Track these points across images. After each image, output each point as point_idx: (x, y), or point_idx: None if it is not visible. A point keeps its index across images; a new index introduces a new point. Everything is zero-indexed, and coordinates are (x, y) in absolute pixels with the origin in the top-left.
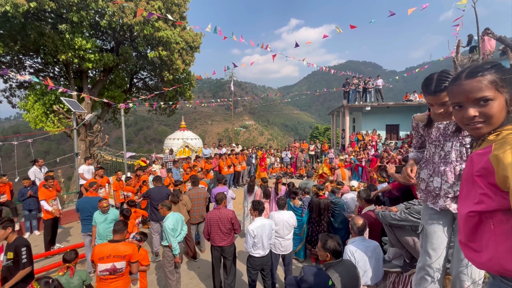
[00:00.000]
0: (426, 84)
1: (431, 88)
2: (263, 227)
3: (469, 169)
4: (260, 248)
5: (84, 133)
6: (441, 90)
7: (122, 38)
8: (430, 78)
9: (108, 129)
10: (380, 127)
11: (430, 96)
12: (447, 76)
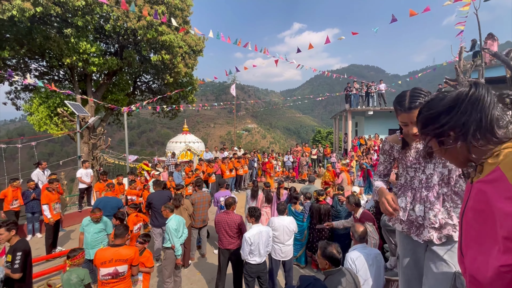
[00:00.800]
0: (399, 101)
1: (405, 105)
2: (260, 234)
3: (479, 202)
4: (257, 255)
5: (87, 136)
6: (416, 106)
7: (126, 42)
8: (403, 95)
9: (111, 132)
10: (382, 132)
11: (404, 113)
12: (420, 93)
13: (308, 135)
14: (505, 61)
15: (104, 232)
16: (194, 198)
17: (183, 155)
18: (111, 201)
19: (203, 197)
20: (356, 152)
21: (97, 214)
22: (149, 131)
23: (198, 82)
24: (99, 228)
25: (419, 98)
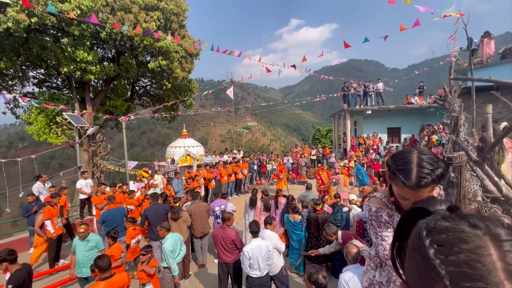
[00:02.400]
0: (402, 171)
1: (412, 179)
2: (258, 248)
3: None
4: (257, 269)
5: (87, 144)
6: (427, 184)
7: (123, 48)
8: (407, 160)
9: (111, 133)
10: (381, 131)
11: (408, 189)
12: (432, 163)
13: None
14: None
15: (95, 249)
16: (191, 209)
17: (182, 160)
18: (117, 212)
19: (200, 207)
20: (355, 151)
21: (81, 228)
22: (149, 132)
23: (195, 85)
24: (89, 246)
25: (431, 173)
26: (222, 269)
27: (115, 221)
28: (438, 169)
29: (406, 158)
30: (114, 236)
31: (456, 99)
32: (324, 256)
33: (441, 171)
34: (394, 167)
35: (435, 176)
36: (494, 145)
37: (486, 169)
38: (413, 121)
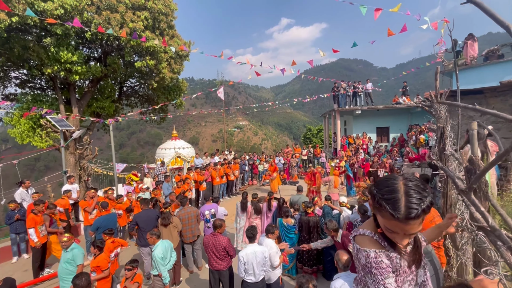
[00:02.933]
0: (389, 201)
1: (401, 212)
2: (254, 254)
3: None
4: (251, 274)
5: (73, 147)
6: (417, 216)
7: (110, 48)
8: (394, 188)
9: (99, 134)
10: (371, 130)
11: (396, 222)
12: (421, 192)
13: (300, 131)
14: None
15: (73, 263)
16: (179, 215)
17: (173, 162)
18: (109, 218)
19: (188, 212)
20: (345, 151)
21: (64, 237)
22: (139, 132)
23: (185, 85)
24: (67, 258)
25: (420, 202)
26: (213, 276)
27: (108, 227)
28: (427, 198)
29: (391, 185)
30: (100, 246)
31: (441, 106)
32: (316, 259)
33: (430, 199)
34: (379, 196)
35: (425, 205)
36: (481, 174)
37: (473, 199)
38: (401, 121)
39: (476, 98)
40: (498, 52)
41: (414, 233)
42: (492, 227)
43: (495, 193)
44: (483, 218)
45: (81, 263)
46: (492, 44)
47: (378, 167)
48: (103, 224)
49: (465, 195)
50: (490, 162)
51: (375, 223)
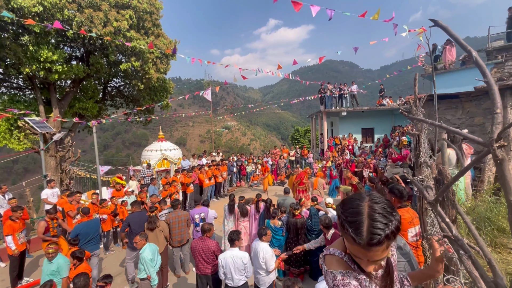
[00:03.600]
0: (352, 224)
1: (363, 237)
2: (232, 258)
3: None
4: (230, 279)
5: (54, 149)
6: (380, 242)
7: (93, 48)
8: (356, 211)
9: (82, 135)
10: (356, 131)
11: (359, 248)
12: (386, 216)
13: (288, 131)
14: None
15: (58, 275)
16: (169, 218)
17: (159, 164)
18: (91, 224)
19: (179, 216)
20: (332, 151)
21: (50, 249)
22: (124, 133)
23: (172, 85)
24: (51, 270)
25: (385, 228)
26: (201, 281)
27: (89, 234)
28: (392, 222)
29: (355, 207)
30: (80, 256)
31: (419, 112)
32: (303, 260)
33: (396, 224)
34: (343, 217)
35: (389, 231)
36: (445, 189)
37: (439, 210)
38: (385, 122)
39: (452, 103)
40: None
41: (379, 260)
42: (455, 237)
43: (469, 193)
44: (448, 228)
45: (66, 275)
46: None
47: (363, 167)
48: (83, 231)
49: (432, 206)
50: (453, 178)
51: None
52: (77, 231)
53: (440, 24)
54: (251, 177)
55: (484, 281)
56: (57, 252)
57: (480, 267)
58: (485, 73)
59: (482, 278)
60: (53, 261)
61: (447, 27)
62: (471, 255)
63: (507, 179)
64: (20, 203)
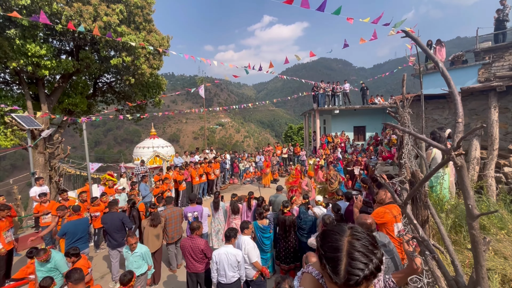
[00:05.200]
0: (329, 261)
1: (339, 276)
2: (226, 255)
3: None
4: (223, 275)
5: (43, 146)
6: (357, 284)
7: (83, 42)
8: (335, 247)
9: (72, 131)
10: (348, 129)
11: (335, 286)
12: (367, 252)
13: (282, 128)
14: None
15: (57, 271)
16: (165, 215)
17: (151, 161)
18: (80, 224)
19: (174, 212)
20: (324, 149)
21: (42, 257)
22: (116, 129)
23: (165, 82)
24: (48, 268)
25: (364, 268)
26: (191, 278)
27: (77, 233)
28: (373, 261)
29: (334, 242)
30: (74, 252)
31: (405, 112)
32: (293, 256)
33: (376, 263)
34: (322, 251)
35: (369, 272)
36: (413, 192)
37: (407, 213)
38: (376, 120)
39: (439, 103)
40: (463, 58)
41: None
42: (422, 237)
43: (453, 192)
44: (415, 229)
45: (66, 269)
46: (460, 48)
47: (354, 165)
48: (70, 230)
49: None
50: (418, 183)
51: None
52: (64, 230)
53: (411, 35)
54: (244, 174)
55: (446, 279)
56: (49, 255)
57: (443, 266)
58: (449, 84)
59: (444, 276)
60: (50, 260)
61: (417, 38)
62: (435, 256)
63: (466, 184)
64: (8, 200)
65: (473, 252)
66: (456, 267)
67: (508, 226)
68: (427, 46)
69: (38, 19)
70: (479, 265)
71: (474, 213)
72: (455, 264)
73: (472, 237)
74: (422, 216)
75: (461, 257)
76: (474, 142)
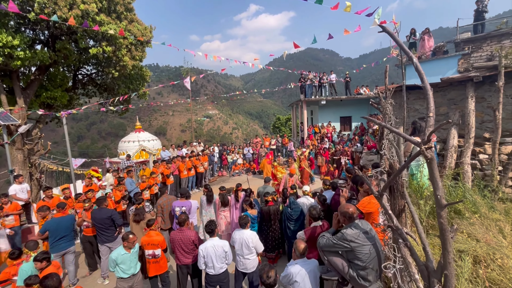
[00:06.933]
0: None
1: None
2: (213, 248)
3: None
4: (211, 267)
5: (21, 142)
6: None
7: (59, 32)
8: None
9: (54, 125)
10: (335, 120)
11: None
12: None
13: (270, 119)
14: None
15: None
16: (162, 202)
17: (137, 155)
18: (63, 221)
19: (169, 199)
20: (311, 139)
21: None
22: (99, 123)
23: (149, 73)
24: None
25: None
26: (181, 271)
27: (60, 231)
28: None
29: None
30: (45, 256)
31: (387, 103)
32: (277, 244)
33: None
34: None
35: None
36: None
37: (383, 203)
38: (362, 111)
39: (421, 93)
40: (444, 48)
41: None
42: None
43: None
44: (390, 219)
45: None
46: (443, 39)
47: (341, 155)
48: (52, 227)
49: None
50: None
51: None
52: (46, 227)
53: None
54: (233, 166)
55: (417, 265)
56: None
57: (415, 253)
58: (422, 79)
59: (416, 262)
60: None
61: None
62: (407, 243)
63: (435, 176)
64: None
65: (441, 239)
66: (427, 253)
67: (481, 210)
68: (410, 35)
69: (6, 8)
70: (446, 251)
71: (442, 202)
72: (426, 250)
73: (440, 225)
74: (399, 205)
75: (437, 240)
76: (452, 131)
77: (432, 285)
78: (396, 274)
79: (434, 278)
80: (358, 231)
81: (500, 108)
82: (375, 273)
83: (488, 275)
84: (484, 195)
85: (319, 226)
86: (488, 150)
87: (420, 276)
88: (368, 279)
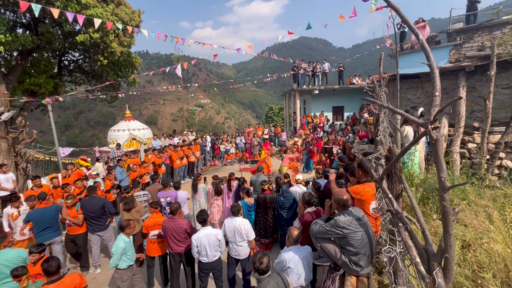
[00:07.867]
0: None
1: None
2: (206, 237)
3: None
4: (205, 255)
5: (4, 130)
6: None
7: (41, 15)
8: None
9: (39, 113)
10: (327, 109)
11: None
12: None
13: (263, 109)
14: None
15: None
16: (152, 190)
17: (128, 144)
18: (46, 212)
19: (156, 188)
20: (304, 129)
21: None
22: (88, 111)
23: (138, 60)
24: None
25: None
26: (174, 259)
27: (43, 221)
28: None
29: None
30: (39, 249)
31: (382, 91)
32: (271, 231)
33: None
34: None
35: None
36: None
37: (383, 187)
38: (354, 100)
39: (414, 82)
40: (436, 39)
41: None
42: (396, 210)
43: (423, 167)
44: (390, 202)
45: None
46: (435, 29)
47: (333, 144)
48: (35, 218)
49: (378, 183)
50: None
51: None
52: (28, 218)
53: (393, 5)
54: (225, 155)
55: (417, 248)
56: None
57: (414, 237)
58: (429, 56)
59: (415, 246)
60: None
61: (398, 8)
62: (407, 227)
63: (439, 157)
64: None
65: (443, 222)
66: (426, 237)
67: (469, 197)
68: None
69: None
70: (448, 234)
71: (446, 185)
72: (425, 234)
73: (443, 208)
74: (397, 190)
75: (428, 226)
76: (442, 120)
77: (432, 268)
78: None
79: (434, 262)
80: (350, 218)
81: (490, 98)
82: (367, 258)
83: (476, 258)
84: (472, 183)
85: (313, 212)
86: (477, 139)
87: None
88: (359, 264)
